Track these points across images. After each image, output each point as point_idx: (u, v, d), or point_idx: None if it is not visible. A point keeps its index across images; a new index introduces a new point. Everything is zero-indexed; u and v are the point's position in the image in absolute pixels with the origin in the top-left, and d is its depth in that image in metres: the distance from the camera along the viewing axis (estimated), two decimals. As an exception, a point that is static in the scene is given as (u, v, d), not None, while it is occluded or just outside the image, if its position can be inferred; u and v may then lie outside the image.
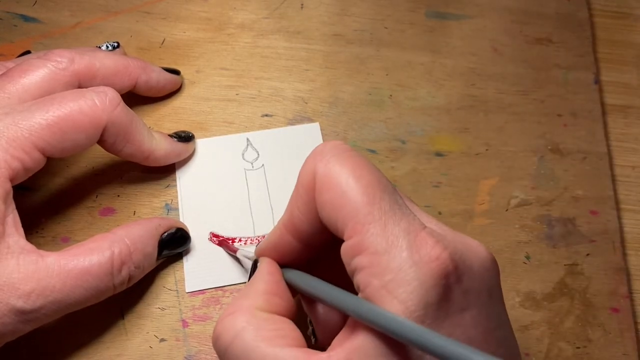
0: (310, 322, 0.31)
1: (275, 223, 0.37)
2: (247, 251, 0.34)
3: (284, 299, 0.28)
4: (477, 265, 0.25)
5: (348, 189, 0.25)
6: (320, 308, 0.29)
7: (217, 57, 0.43)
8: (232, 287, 0.36)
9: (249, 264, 0.33)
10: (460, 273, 0.24)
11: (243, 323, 0.26)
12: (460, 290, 0.24)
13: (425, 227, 0.24)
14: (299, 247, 0.29)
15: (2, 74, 0.34)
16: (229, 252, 0.36)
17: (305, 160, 0.27)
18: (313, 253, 0.29)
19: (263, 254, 0.30)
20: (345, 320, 0.26)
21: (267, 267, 0.29)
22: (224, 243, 0.37)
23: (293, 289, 0.29)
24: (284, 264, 0.30)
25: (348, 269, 0.25)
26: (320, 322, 0.29)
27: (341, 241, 0.26)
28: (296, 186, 0.28)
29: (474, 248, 0.25)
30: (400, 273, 0.23)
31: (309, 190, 0.26)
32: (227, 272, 0.36)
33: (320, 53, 0.44)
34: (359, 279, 0.24)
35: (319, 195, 0.26)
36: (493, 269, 0.26)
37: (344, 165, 0.26)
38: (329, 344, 0.25)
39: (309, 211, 0.27)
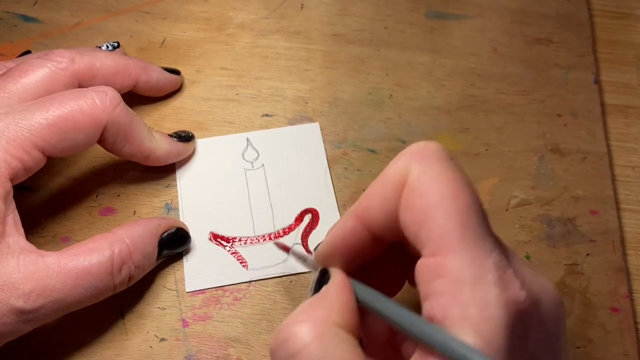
0: None
1: (275, 223, 0.38)
2: (302, 251, 0.33)
3: (356, 318, 0.26)
4: (551, 310, 0.24)
5: (444, 204, 0.23)
6: (372, 320, 0.28)
7: (217, 57, 0.43)
8: (232, 286, 0.36)
9: (303, 262, 0.32)
10: (539, 319, 0.23)
11: (316, 336, 0.24)
12: (535, 336, 0.23)
13: (511, 264, 0.23)
14: (370, 241, 0.27)
15: (2, 74, 0.34)
16: (282, 250, 0.35)
17: (400, 154, 0.25)
18: (380, 250, 0.28)
19: (329, 251, 0.28)
20: (393, 334, 0.26)
21: (342, 279, 0.27)
22: (278, 243, 0.36)
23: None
24: (351, 260, 0.28)
25: (422, 287, 0.23)
26: (369, 334, 0.28)
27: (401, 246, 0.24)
28: (381, 178, 0.26)
29: (549, 291, 0.24)
30: (487, 309, 0.21)
31: (396, 187, 0.25)
32: (227, 271, 0.36)
33: (320, 53, 0.44)
34: (434, 304, 0.23)
35: (407, 197, 0.24)
36: (563, 312, 0.25)
37: (445, 176, 0.24)
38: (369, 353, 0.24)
39: (389, 208, 0.25)
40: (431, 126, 0.42)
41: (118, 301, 0.34)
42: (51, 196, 0.38)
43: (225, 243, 0.37)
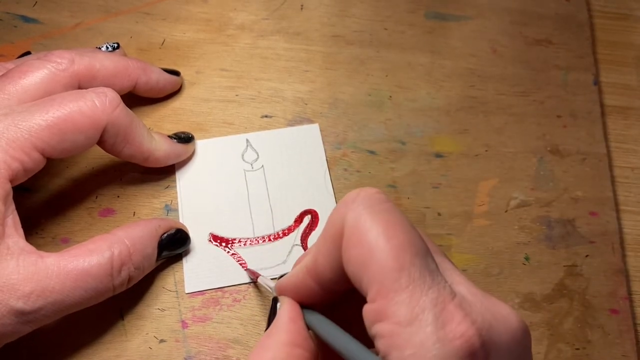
0: None
1: (275, 224, 0.38)
2: (268, 280, 0.34)
3: (306, 349, 0.27)
4: (506, 339, 0.23)
5: (377, 249, 0.23)
6: (330, 351, 0.28)
7: (217, 58, 0.43)
8: (231, 287, 0.36)
9: (269, 290, 0.33)
10: (487, 349, 0.22)
11: None
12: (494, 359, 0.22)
13: (455, 296, 0.23)
14: (321, 292, 0.27)
15: (2, 75, 0.34)
16: (250, 275, 0.36)
17: (337, 206, 0.26)
18: (335, 298, 0.28)
19: (283, 292, 0.29)
20: None
21: (288, 312, 0.28)
22: (249, 270, 0.36)
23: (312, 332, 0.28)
24: (305, 304, 0.28)
25: (369, 332, 0.24)
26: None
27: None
28: (323, 231, 0.26)
29: (504, 317, 0.24)
30: (421, 349, 0.21)
31: (336, 238, 0.25)
32: (226, 273, 0.36)
33: (320, 54, 0.44)
34: (378, 346, 0.23)
35: (345, 249, 0.24)
36: (524, 340, 0.24)
37: (375, 221, 0.24)
38: None
39: (333, 260, 0.25)
40: (431, 127, 0.42)
41: (117, 302, 0.34)
42: (51, 197, 0.38)
43: (224, 244, 0.37)
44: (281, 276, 0.30)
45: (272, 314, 0.29)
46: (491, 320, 0.23)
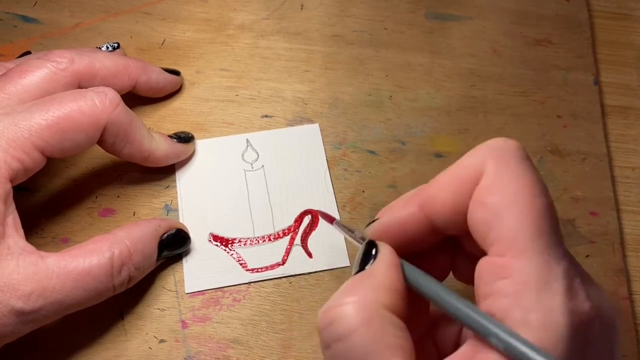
0: None
1: (275, 224, 0.38)
2: (348, 226, 0.31)
3: (404, 300, 0.25)
4: (610, 325, 0.23)
5: (518, 205, 0.22)
6: (412, 304, 0.26)
7: (217, 58, 0.43)
8: (231, 287, 0.36)
9: (349, 234, 0.30)
10: (602, 331, 0.22)
11: (364, 320, 0.23)
12: (594, 349, 0.22)
13: (578, 274, 0.23)
14: (429, 232, 0.26)
15: (2, 75, 0.34)
16: (326, 220, 0.33)
17: (477, 148, 0.25)
18: (436, 240, 0.27)
19: (383, 232, 0.27)
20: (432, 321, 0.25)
21: (390, 257, 0.26)
22: (321, 212, 0.34)
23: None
24: (403, 246, 0.27)
25: (482, 286, 0.23)
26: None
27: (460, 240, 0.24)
28: (453, 169, 0.25)
29: (609, 306, 0.23)
30: (550, 315, 0.21)
31: (470, 181, 0.24)
32: (226, 273, 0.36)
33: (320, 54, 0.44)
34: (495, 305, 0.22)
35: (480, 194, 0.23)
36: (618, 329, 0.24)
37: (521, 177, 0.23)
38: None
39: (458, 201, 0.24)
40: (431, 127, 0.42)
41: (117, 302, 0.34)
42: (51, 197, 0.38)
43: (224, 244, 0.37)
44: (371, 222, 0.28)
45: (365, 257, 0.26)
46: (603, 303, 0.23)
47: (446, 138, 0.42)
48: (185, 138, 0.39)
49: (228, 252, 0.37)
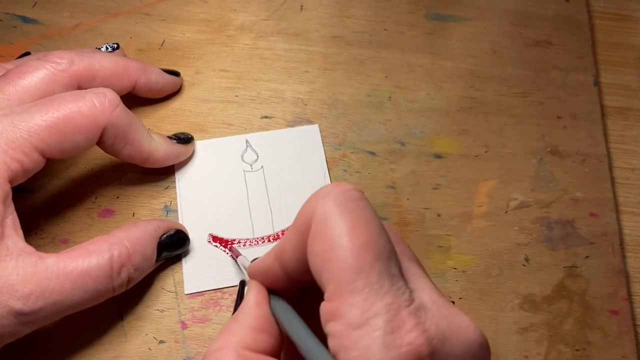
0: None
1: (275, 225, 0.38)
2: (245, 261, 0.34)
3: (271, 334, 0.27)
4: (460, 351, 0.23)
5: (339, 247, 0.23)
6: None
7: (217, 59, 0.43)
8: (231, 288, 0.36)
9: (243, 271, 0.33)
10: (438, 358, 0.22)
11: None
12: None
13: (411, 303, 0.23)
14: (286, 280, 0.27)
15: (1, 76, 0.34)
16: (231, 255, 0.36)
17: (309, 198, 0.25)
18: (301, 286, 0.28)
19: (253, 276, 0.29)
20: None
21: (255, 297, 0.28)
22: (229, 246, 0.37)
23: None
24: (273, 290, 0.29)
25: (323, 329, 0.24)
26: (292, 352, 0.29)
27: None
28: (294, 221, 0.26)
29: (462, 329, 0.24)
30: (367, 353, 0.22)
31: (303, 230, 0.25)
32: (226, 273, 0.36)
33: (320, 55, 0.44)
34: (329, 345, 0.23)
35: (310, 242, 0.24)
36: (479, 353, 0.24)
37: (343, 218, 0.24)
38: None
39: (299, 251, 0.25)
40: (430, 128, 0.42)
41: (117, 303, 0.34)
42: (50, 198, 0.38)
43: (224, 245, 0.37)
44: (255, 259, 0.30)
45: (239, 297, 0.29)
46: (445, 331, 0.23)
47: (446, 139, 0.42)
48: (184, 139, 0.39)
49: (227, 253, 0.37)
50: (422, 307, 0.23)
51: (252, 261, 0.30)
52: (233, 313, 0.28)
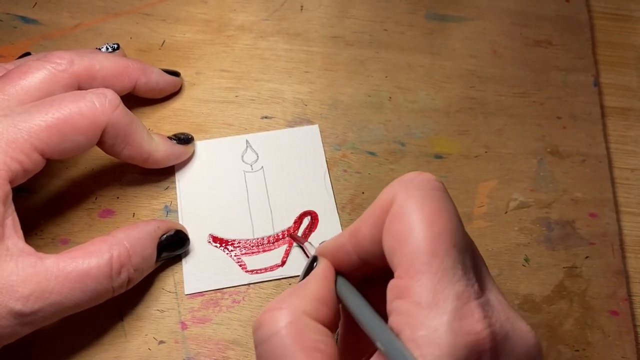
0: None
1: (275, 225, 0.38)
2: (312, 247, 0.35)
3: (332, 309, 0.27)
4: (519, 351, 0.24)
5: (417, 229, 0.24)
6: (352, 322, 0.28)
7: (217, 59, 0.43)
8: (231, 289, 0.36)
9: (310, 254, 0.33)
10: (497, 354, 0.23)
11: (287, 323, 0.25)
12: None
13: (480, 297, 0.23)
14: (357, 261, 0.28)
15: (1, 76, 0.34)
16: (296, 241, 0.37)
17: (392, 182, 0.26)
18: (370, 271, 0.29)
19: (324, 254, 0.30)
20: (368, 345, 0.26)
21: (323, 270, 0.29)
22: (294, 236, 0.37)
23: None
24: (341, 271, 0.29)
25: (388, 306, 0.24)
26: (349, 334, 0.29)
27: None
28: (373, 203, 0.26)
29: (523, 333, 0.24)
30: (434, 334, 0.22)
31: (382, 212, 0.25)
32: (226, 274, 0.36)
33: (320, 55, 0.44)
34: (392, 322, 0.24)
35: (388, 223, 0.25)
36: (533, 351, 0.24)
37: (423, 204, 0.24)
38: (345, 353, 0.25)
39: (375, 232, 0.26)
40: (430, 128, 0.42)
41: (117, 304, 0.34)
42: (50, 198, 0.38)
43: (224, 245, 0.37)
44: (323, 242, 0.31)
45: (308, 270, 0.30)
46: (509, 330, 0.24)
47: (446, 139, 0.42)
48: (184, 139, 0.39)
49: (227, 254, 0.37)
50: (489, 302, 0.24)
51: (321, 243, 0.31)
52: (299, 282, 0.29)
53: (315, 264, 0.29)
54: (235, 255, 0.37)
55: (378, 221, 0.26)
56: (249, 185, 0.39)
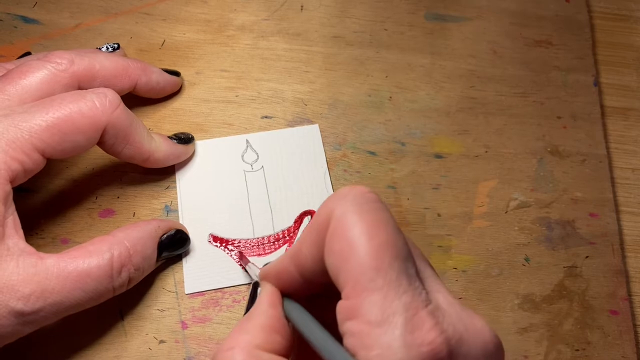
0: None
1: (275, 225, 0.38)
2: (255, 268, 0.34)
3: (283, 335, 0.27)
4: (476, 352, 0.23)
5: (358, 246, 0.23)
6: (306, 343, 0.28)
7: (217, 59, 0.43)
8: (231, 288, 0.36)
9: (254, 276, 0.33)
10: (455, 357, 0.23)
11: None
12: None
13: (429, 303, 0.23)
14: (301, 282, 0.28)
15: (1, 76, 0.34)
16: (240, 263, 0.37)
17: (327, 199, 0.26)
18: (315, 289, 0.28)
19: (266, 279, 0.29)
20: None
21: (268, 297, 0.28)
22: (241, 254, 0.37)
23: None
24: (286, 293, 0.29)
25: (340, 328, 0.24)
26: (303, 353, 0.29)
27: None
28: (311, 222, 0.26)
29: (477, 330, 0.24)
30: (388, 351, 0.22)
31: (321, 230, 0.25)
32: (226, 273, 0.36)
33: (320, 55, 0.44)
34: (347, 344, 0.23)
35: (328, 242, 0.25)
36: (495, 355, 0.24)
37: (361, 218, 0.24)
38: None
39: (316, 251, 0.25)
40: (430, 128, 0.42)
41: (117, 303, 0.34)
42: (51, 198, 0.38)
43: (224, 245, 0.37)
44: (267, 264, 0.30)
45: (251, 299, 0.30)
46: (462, 332, 0.23)
47: (446, 139, 0.42)
48: (185, 139, 0.39)
49: (228, 253, 0.37)
50: (439, 307, 0.24)
51: (263, 266, 0.30)
52: (244, 314, 0.28)
53: (258, 290, 0.29)
54: (235, 255, 0.37)
55: (318, 240, 0.25)
56: (249, 184, 0.39)
